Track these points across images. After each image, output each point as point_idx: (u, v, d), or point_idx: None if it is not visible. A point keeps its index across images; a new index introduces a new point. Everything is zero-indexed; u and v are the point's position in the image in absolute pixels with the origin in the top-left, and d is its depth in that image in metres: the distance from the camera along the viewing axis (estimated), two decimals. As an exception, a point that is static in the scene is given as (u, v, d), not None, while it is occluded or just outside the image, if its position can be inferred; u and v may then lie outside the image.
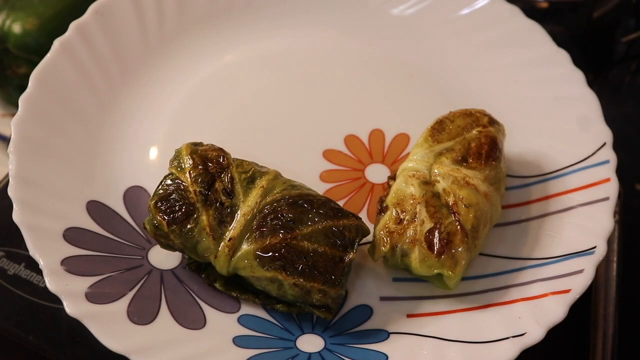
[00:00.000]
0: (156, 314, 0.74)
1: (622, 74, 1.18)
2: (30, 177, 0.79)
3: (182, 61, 0.96)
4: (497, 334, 0.73)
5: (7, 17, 1.06)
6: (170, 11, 0.97)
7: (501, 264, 0.80)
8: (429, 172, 0.79)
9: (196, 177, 0.75)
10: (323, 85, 0.96)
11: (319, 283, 0.72)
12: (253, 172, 0.77)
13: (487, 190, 0.78)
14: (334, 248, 0.73)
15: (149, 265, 0.79)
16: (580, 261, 0.77)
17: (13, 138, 0.80)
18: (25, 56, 1.06)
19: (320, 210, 0.74)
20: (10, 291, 0.85)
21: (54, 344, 0.82)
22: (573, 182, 0.84)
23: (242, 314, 0.77)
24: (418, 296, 0.79)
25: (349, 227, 0.74)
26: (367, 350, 0.74)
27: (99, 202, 0.83)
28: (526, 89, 0.94)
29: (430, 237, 0.75)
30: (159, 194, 0.76)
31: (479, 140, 0.81)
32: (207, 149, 0.78)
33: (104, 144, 0.88)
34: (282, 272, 0.72)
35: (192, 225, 0.74)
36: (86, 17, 0.91)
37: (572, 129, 0.89)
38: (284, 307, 0.76)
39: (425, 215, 0.76)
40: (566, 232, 0.80)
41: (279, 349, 0.74)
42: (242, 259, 0.73)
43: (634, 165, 1.04)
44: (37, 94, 0.84)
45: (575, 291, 0.74)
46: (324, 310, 0.74)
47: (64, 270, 0.73)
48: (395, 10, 1.02)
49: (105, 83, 0.91)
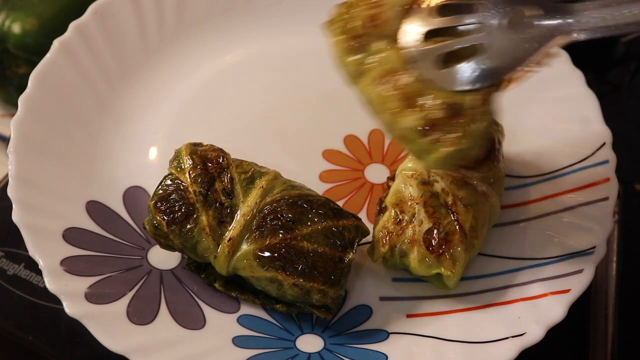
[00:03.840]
0: (156, 314, 0.74)
1: (622, 74, 1.18)
2: (30, 177, 0.79)
3: (182, 61, 0.96)
4: (497, 334, 0.73)
5: (7, 17, 1.06)
6: (170, 11, 0.97)
7: (500, 264, 0.80)
8: (428, 172, 0.79)
9: (196, 178, 0.75)
10: (322, 85, 0.96)
11: (318, 283, 0.72)
12: (253, 172, 0.77)
13: (486, 190, 0.78)
14: (334, 248, 0.73)
15: (149, 266, 0.79)
16: (579, 261, 0.77)
17: (13, 138, 0.80)
18: (25, 56, 1.06)
19: (320, 211, 0.74)
20: (10, 291, 0.85)
21: (53, 344, 0.82)
22: (572, 182, 0.84)
23: (242, 314, 0.77)
24: (417, 296, 0.79)
25: (348, 227, 0.74)
26: (367, 350, 0.74)
27: (98, 202, 0.83)
28: (526, 89, 0.93)
29: (429, 237, 0.75)
30: (158, 194, 0.76)
31: (478, 140, 0.81)
32: (207, 149, 0.79)
33: (104, 144, 0.88)
34: (281, 272, 0.72)
35: (191, 226, 0.74)
36: (86, 17, 0.91)
37: (572, 129, 0.89)
38: (283, 307, 0.76)
39: (424, 215, 0.76)
40: (566, 232, 0.80)
41: (278, 349, 0.74)
42: (241, 259, 0.73)
43: (634, 165, 1.04)
44: (36, 94, 0.84)
45: (574, 291, 0.74)
46: (324, 310, 0.74)
47: (63, 271, 0.73)
48: (395, 10, 1.02)
49: (104, 83, 0.91)
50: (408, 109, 0.68)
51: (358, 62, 0.71)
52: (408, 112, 0.68)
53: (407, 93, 0.68)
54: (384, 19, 0.71)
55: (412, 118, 0.68)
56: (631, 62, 1.18)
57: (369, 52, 0.71)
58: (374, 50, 0.71)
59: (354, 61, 0.71)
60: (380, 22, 0.71)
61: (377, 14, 0.71)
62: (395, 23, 0.71)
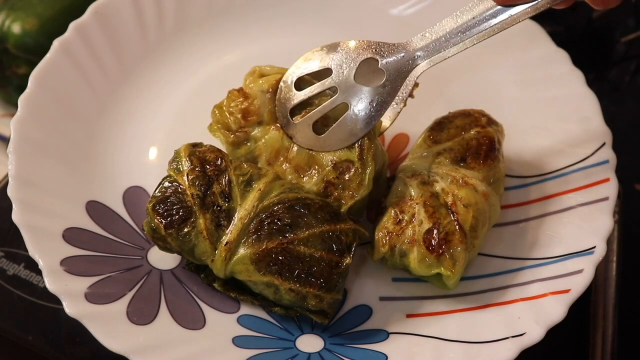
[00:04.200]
0: (156, 314, 0.74)
1: (622, 74, 1.18)
2: (30, 177, 0.79)
3: (182, 61, 0.96)
4: (497, 334, 0.73)
5: (7, 17, 1.06)
6: (169, 11, 0.97)
7: (500, 264, 0.80)
8: (428, 172, 0.79)
9: (194, 180, 0.75)
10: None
11: (314, 288, 0.72)
12: (250, 174, 0.77)
13: (485, 190, 0.78)
14: (331, 253, 0.73)
15: (149, 266, 0.79)
16: (579, 261, 0.76)
17: (12, 138, 0.80)
18: (25, 56, 1.06)
19: (318, 215, 0.74)
20: (10, 291, 0.85)
21: (53, 344, 0.82)
22: (572, 182, 0.84)
23: (242, 314, 0.77)
24: (417, 296, 0.79)
25: (346, 231, 0.74)
26: (367, 350, 0.74)
27: (98, 202, 0.83)
28: (526, 89, 0.94)
29: (429, 237, 0.75)
30: (156, 196, 0.76)
31: (478, 140, 0.81)
32: (206, 150, 0.78)
33: (104, 144, 0.88)
34: (278, 277, 0.72)
35: (189, 229, 0.74)
36: (86, 17, 0.91)
37: (572, 129, 0.89)
38: (281, 310, 0.75)
39: (423, 215, 0.76)
40: (566, 232, 0.80)
41: (278, 349, 0.74)
42: (238, 263, 0.73)
43: (634, 165, 1.04)
44: (36, 94, 0.84)
45: (574, 291, 0.74)
46: (320, 315, 0.74)
47: (63, 271, 0.73)
48: (395, 11, 1.02)
49: (104, 83, 0.91)
50: (303, 177, 0.78)
51: (248, 150, 0.81)
52: (306, 179, 0.78)
53: (298, 165, 0.79)
54: (254, 109, 0.81)
55: (311, 184, 0.78)
56: (631, 62, 1.18)
57: (253, 139, 0.81)
58: (257, 136, 0.81)
59: (244, 151, 0.81)
60: (252, 111, 0.81)
61: (248, 107, 0.81)
62: (265, 108, 0.80)
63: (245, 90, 0.82)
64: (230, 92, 0.82)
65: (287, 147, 0.79)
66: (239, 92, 0.82)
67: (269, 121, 0.81)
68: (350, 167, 0.77)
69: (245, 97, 0.81)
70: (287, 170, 0.79)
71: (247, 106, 0.81)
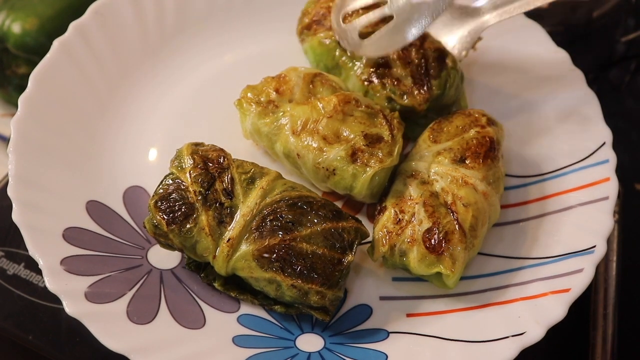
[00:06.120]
0: (156, 314, 0.74)
1: (622, 73, 1.18)
2: (30, 177, 0.79)
3: (182, 61, 0.96)
4: (497, 333, 0.73)
5: (7, 17, 1.06)
6: (169, 11, 0.97)
7: (500, 263, 0.80)
8: (428, 172, 0.80)
9: (196, 177, 0.75)
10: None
11: (316, 285, 0.72)
12: (253, 172, 0.77)
13: (485, 190, 0.79)
14: (333, 250, 0.73)
15: (149, 265, 0.79)
16: (579, 260, 0.77)
17: (13, 138, 0.80)
18: (25, 56, 1.06)
19: (320, 212, 0.74)
20: (10, 291, 0.85)
21: (53, 343, 0.82)
22: (572, 182, 0.84)
23: (242, 314, 0.77)
24: (417, 296, 0.79)
25: (348, 229, 0.74)
26: (367, 349, 0.74)
27: (98, 202, 0.83)
28: (526, 89, 0.94)
29: (429, 237, 0.75)
30: (159, 193, 0.76)
31: (477, 140, 0.81)
32: (208, 149, 0.79)
33: (104, 144, 0.88)
34: (280, 273, 0.72)
35: (191, 225, 0.74)
36: (86, 17, 0.91)
37: (572, 128, 0.89)
38: (281, 308, 0.76)
39: (423, 215, 0.76)
40: (566, 232, 0.80)
41: (278, 349, 0.74)
42: (240, 259, 0.73)
43: (634, 165, 1.04)
44: (36, 94, 0.84)
45: (574, 290, 0.74)
46: (322, 312, 0.74)
47: (63, 270, 0.73)
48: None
49: (105, 83, 0.91)
50: (332, 144, 0.80)
51: (273, 120, 0.83)
52: (334, 146, 0.80)
53: (327, 135, 0.80)
54: (288, 87, 0.84)
55: (339, 149, 0.79)
56: (631, 62, 1.18)
57: (281, 110, 0.83)
58: (286, 109, 0.83)
59: (270, 120, 0.83)
60: (286, 90, 0.84)
61: (281, 85, 0.85)
62: (298, 88, 0.84)
63: (282, 74, 0.86)
64: (265, 78, 0.86)
65: (316, 119, 0.81)
66: (274, 77, 0.86)
67: (300, 100, 0.83)
68: (381, 139, 0.80)
69: (280, 79, 0.85)
70: (314, 138, 0.80)
71: (281, 84, 0.85)
